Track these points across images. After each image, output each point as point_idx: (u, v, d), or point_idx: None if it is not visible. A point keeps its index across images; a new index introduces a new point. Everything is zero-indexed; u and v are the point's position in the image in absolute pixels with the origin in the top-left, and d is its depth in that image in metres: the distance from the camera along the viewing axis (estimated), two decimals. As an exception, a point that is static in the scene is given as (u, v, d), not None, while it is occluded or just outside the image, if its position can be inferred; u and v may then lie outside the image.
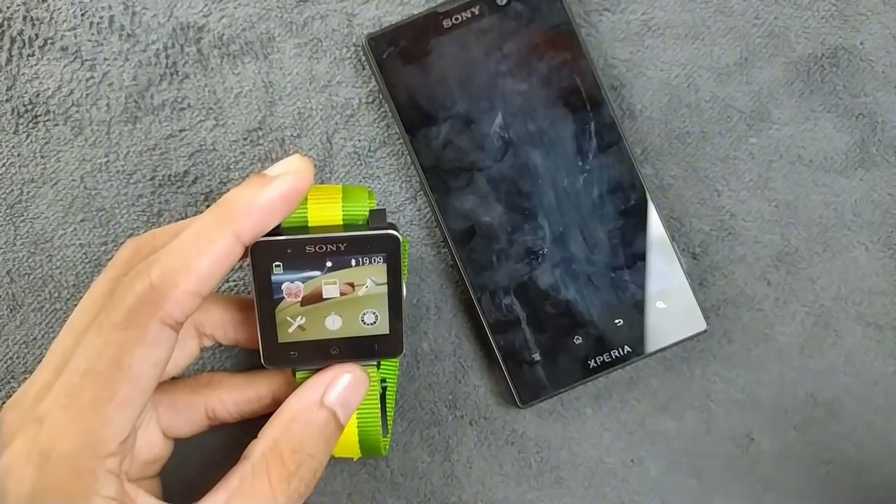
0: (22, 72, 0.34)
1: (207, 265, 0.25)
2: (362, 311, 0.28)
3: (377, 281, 0.28)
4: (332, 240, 0.27)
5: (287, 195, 0.26)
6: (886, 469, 0.36)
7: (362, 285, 0.27)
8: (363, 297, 0.28)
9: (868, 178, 0.36)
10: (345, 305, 0.28)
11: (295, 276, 0.27)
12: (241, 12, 0.34)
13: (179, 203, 0.34)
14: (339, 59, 0.34)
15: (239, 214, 0.26)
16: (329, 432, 0.28)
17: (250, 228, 0.26)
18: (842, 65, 0.36)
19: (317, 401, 0.28)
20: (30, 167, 0.34)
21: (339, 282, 0.27)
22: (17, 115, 0.34)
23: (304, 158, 0.27)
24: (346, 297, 0.27)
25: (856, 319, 0.36)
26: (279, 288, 0.27)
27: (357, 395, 0.28)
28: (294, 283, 0.27)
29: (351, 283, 0.27)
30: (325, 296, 0.27)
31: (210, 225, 0.26)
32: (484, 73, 0.34)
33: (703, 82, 0.35)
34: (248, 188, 0.26)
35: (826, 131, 0.36)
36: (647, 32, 0.35)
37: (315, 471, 0.27)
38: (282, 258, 0.27)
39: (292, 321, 0.27)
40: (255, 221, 0.26)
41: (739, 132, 0.35)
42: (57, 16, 0.34)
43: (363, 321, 0.28)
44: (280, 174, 0.26)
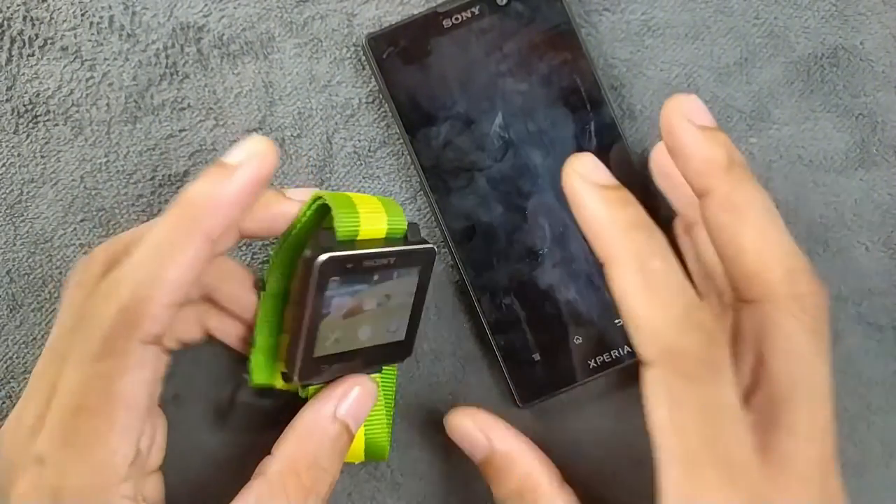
0: (22, 72, 0.34)
1: (179, 274, 0.24)
2: (390, 320, 0.28)
3: (409, 292, 0.28)
4: (386, 255, 0.27)
5: (253, 184, 0.24)
6: (887, 469, 0.36)
7: (396, 296, 0.28)
8: (394, 307, 0.28)
9: (868, 177, 0.36)
10: (378, 316, 0.28)
11: (346, 290, 0.26)
12: (241, 12, 0.34)
13: (179, 203, 0.34)
14: (339, 59, 0.34)
15: (205, 214, 0.24)
16: (342, 445, 0.27)
17: (219, 227, 0.24)
18: (842, 65, 0.36)
19: (330, 415, 0.27)
20: (30, 167, 0.34)
21: (380, 294, 0.27)
22: (17, 114, 0.34)
23: (264, 140, 0.25)
24: (381, 307, 0.28)
25: (856, 319, 0.36)
26: (329, 303, 0.26)
27: (366, 407, 0.28)
28: (343, 298, 0.26)
29: (388, 295, 0.27)
30: (366, 308, 0.27)
31: (176, 230, 0.24)
32: (484, 73, 0.34)
33: (703, 82, 0.35)
34: (209, 181, 0.24)
35: (826, 131, 0.36)
36: (647, 32, 0.35)
37: (330, 484, 0.27)
38: (341, 273, 0.26)
39: (331, 335, 0.27)
40: (223, 218, 0.24)
41: (739, 132, 0.35)
42: (57, 16, 0.34)
43: (388, 330, 0.28)
44: (242, 162, 0.24)
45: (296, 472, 0.26)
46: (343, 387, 0.28)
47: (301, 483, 0.26)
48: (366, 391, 0.28)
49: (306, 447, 0.27)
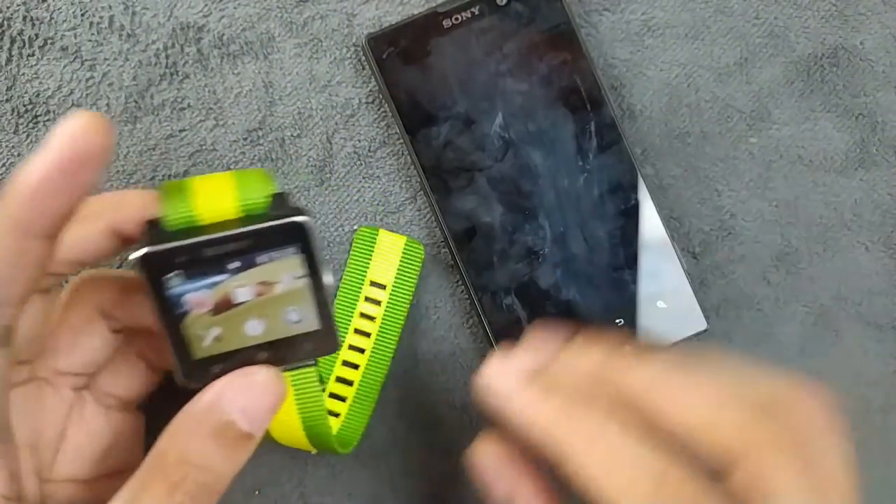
0: (22, 72, 0.33)
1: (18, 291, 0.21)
2: (284, 310, 0.24)
3: (295, 275, 0.24)
4: (232, 237, 0.23)
5: (61, 167, 0.20)
6: (888, 469, 0.36)
7: (278, 283, 0.24)
8: (282, 294, 0.24)
9: (868, 177, 0.36)
10: (264, 307, 0.24)
11: (197, 284, 0.23)
12: (241, 12, 0.34)
13: (179, 203, 0.34)
14: (339, 59, 0.34)
15: (15, 203, 0.21)
16: (227, 442, 0.23)
17: (34, 218, 0.21)
18: (842, 65, 0.36)
19: (204, 408, 0.23)
20: (30, 167, 0.34)
21: (252, 282, 0.23)
22: (17, 114, 0.34)
23: (87, 114, 0.21)
24: (264, 297, 0.24)
25: (856, 319, 0.36)
26: (181, 301, 0.23)
27: (262, 400, 0.24)
28: (198, 293, 0.23)
29: (266, 282, 0.24)
30: (238, 300, 0.24)
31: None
32: (484, 73, 0.34)
33: (703, 82, 0.35)
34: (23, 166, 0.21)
35: (826, 131, 0.36)
36: (646, 32, 0.35)
37: (205, 483, 0.23)
38: (177, 267, 0.23)
39: (205, 334, 0.24)
40: (35, 208, 0.21)
41: (739, 132, 0.35)
42: (57, 16, 0.34)
43: (288, 320, 0.24)
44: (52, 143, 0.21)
45: (162, 466, 0.23)
46: (228, 378, 0.24)
47: (167, 477, 0.23)
48: (260, 383, 0.24)
49: (176, 439, 0.23)
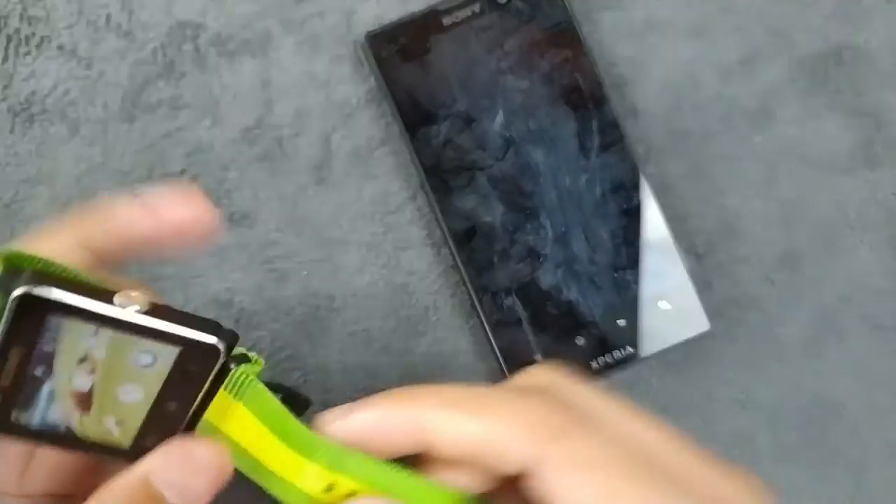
0: (18, 70, 0.33)
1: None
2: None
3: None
4: None
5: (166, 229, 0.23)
6: (890, 469, 0.36)
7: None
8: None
9: (872, 177, 0.36)
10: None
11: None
12: (239, 10, 0.34)
13: (177, 203, 0.34)
14: (338, 57, 0.34)
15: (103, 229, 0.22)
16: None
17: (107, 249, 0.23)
18: (846, 63, 0.36)
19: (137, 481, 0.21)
20: (26, 166, 0.33)
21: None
22: (14, 113, 0.33)
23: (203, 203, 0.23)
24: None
25: (860, 320, 0.36)
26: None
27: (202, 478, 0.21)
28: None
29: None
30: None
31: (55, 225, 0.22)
32: (484, 71, 0.33)
33: (706, 80, 0.35)
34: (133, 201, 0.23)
35: (830, 130, 0.36)
36: (649, 30, 0.35)
37: None
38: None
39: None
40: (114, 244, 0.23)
41: (743, 131, 0.35)
42: (53, 14, 0.33)
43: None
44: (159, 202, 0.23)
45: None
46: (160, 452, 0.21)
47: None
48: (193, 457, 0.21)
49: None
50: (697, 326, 0.33)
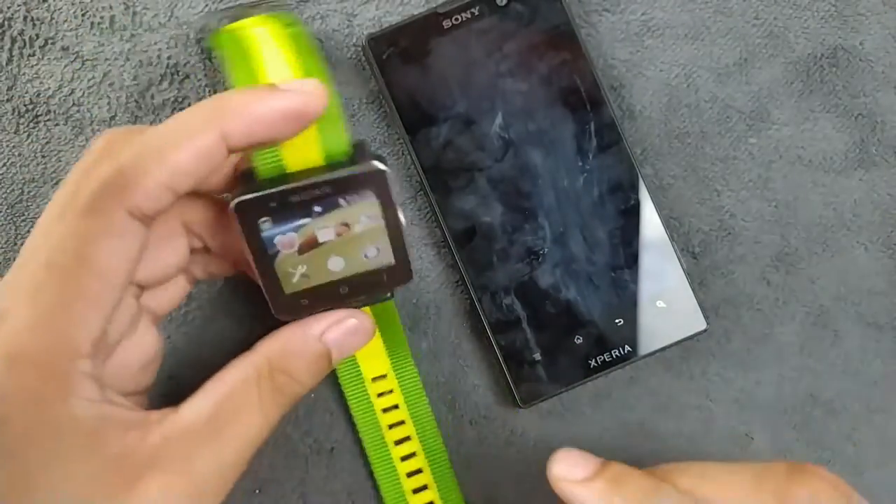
0: (23, 72, 0.34)
1: (185, 158, 0.23)
2: (362, 247, 0.27)
3: (371, 216, 0.26)
4: (315, 185, 0.25)
5: (290, 113, 0.24)
6: (887, 470, 0.36)
7: (357, 223, 0.26)
8: (360, 234, 0.27)
9: (868, 178, 0.36)
10: (344, 245, 0.27)
11: (285, 227, 0.26)
12: (242, 12, 0.34)
13: (180, 203, 0.34)
14: (339, 60, 0.34)
15: (231, 114, 0.23)
16: (319, 367, 0.27)
17: (240, 133, 0.23)
18: (841, 65, 0.36)
19: (316, 335, 0.27)
20: (30, 167, 0.34)
21: (333, 224, 0.26)
22: (18, 114, 0.34)
23: (321, 84, 0.24)
24: (343, 237, 0.27)
25: (855, 319, 0.36)
26: (272, 242, 0.26)
27: (356, 340, 0.28)
28: (286, 235, 0.26)
29: (346, 223, 0.26)
30: (322, 240, 0.26)
31: (196, 117, 0.23)
32: (484, 73, 0.34)
33: (702, 82, 0.35)
34: (249, 93, 0.24)
35: (825, 131, 0.36)
36: (646, 33, 0.35)
37: (296, 396, 0.27)
38: (267, 213, 0.25)
39: (294, 271, 0.27)
40: (247, 127, 0.23)
41: (739, 132, 0.36)
42: (58, 16, 0.34)
43: (366, 256, 0.27)
44: (291, 89, 0.24)
45: (271, 371, 0.26)
46: (337, 315, 0.28)
47: (273, 384, 0.26)
48: (359, 326, 0.28)
49: (286, 355, 0.27)
50: (694, 326, 0.34)
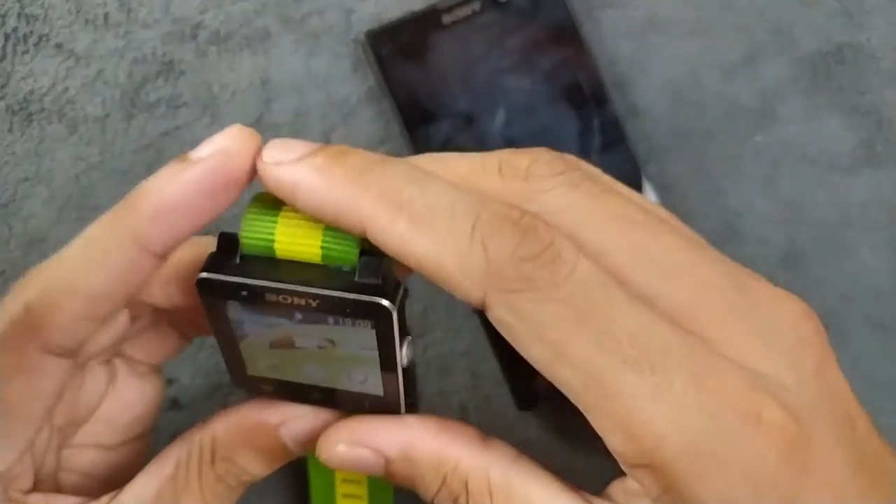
0: (16, 69, 0.33)
1: (99, 284, 0.20)
2: (347, 369, 0.22)
3: (364, 345, 0.21)
4: (299, 293, 0.20)
5: (208, 188, 0.19)
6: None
7: (344, 344, 0.21)
8: (347, 357, 0.22)
9: (875, 176, 0.36)
10: (324, 358, 0.22)
11: (257, 319, 0.21)
12: (238, 8, 0.34)
13: (175, 202, 0.34)
14: (338, 56, 0.34)
15: (141, 215, 0.19)
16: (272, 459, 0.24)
17: (157, 235, 0.20)
18: (847, 62, 0.36)
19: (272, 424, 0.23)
20: (24, 165, 0.33)
21: (316, 336, 0.21)
22: (12, 112, 0.33)
23: (244, 131, 0.20)
24: (326, 350, 0.22)
25: (862, 320, 0.36)
26: (241, 325, 0.21)
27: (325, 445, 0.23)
28: (258, 327, 0.21)
29: (331, 341, 0.21)
30: (298, 345, 0.22)
31: (106, 229, 0.20)
32: (485, 69, 0.33)
33: (707, 79, 0.35)
34: (160, 177, 0.20)
35: (832, 129, 0.36)
36: (650, 29, 0.35)
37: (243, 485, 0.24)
38: (236, 298, 0.20)
39: (261, 359, 0.22)
40: (163, 225, 0.19)
41: (745, 130, 0.35)
42: (51, 13, 0.33)
43: (349, 378, 0.22)
44: (204, 156, 0.19)
45: (214, 456, 0.24)
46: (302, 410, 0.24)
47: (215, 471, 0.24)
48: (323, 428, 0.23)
49: (234, 441, 0.24)
50: (699, 327, 0.33)
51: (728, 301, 0.20)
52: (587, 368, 0.18)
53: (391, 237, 0.19)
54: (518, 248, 0.18)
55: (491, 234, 0.18)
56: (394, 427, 0.22)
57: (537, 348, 0.19)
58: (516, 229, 0.18)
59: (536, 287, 0.18)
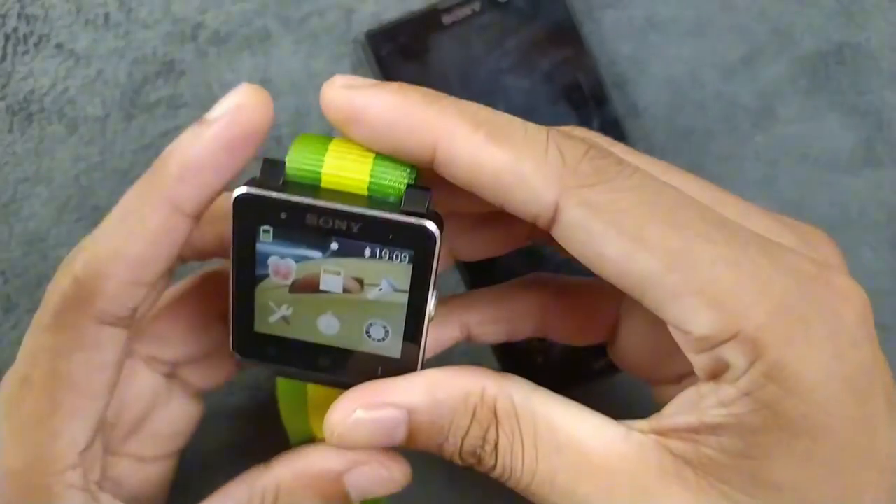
0: (17, 69, 0.33)
1: (141, 249, 0.20)
2: (368, 320, 0.21)
3: (396, 285, 0.20)
4: (343, 214, 0.20)
5: (227, 143, 0.20)
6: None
7: (374, 286, 0.20)
8: (373, 301, 0.21)
9: (874, 176, 0.36)
10: (346, 307, 0.21)
11: (287, 250, 0.20)
12: (238, 8, 0.34)
13: (175, 202, 0.34)
14: (338, 56, 0.34)
15: (171, 178, 0.20)
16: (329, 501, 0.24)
17: (190, 196, 0.20)
18: (847, 62, 0.36)
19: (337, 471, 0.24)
20: (24, 165, 0.33)
21: (344, 273, 0.20)
22: (12, 113, 0.33)
23: (253, 88, 0.21)
24: (351, 296, 0.21)
25: (862, 320, 0.35)
26: (265, 261, 0.21)
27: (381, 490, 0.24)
28: (284, 260, 0.21)
29: (359, 280, 0.20)
30: (323, 287, 0.21)
31: (140, 197, 0.21)
32: (485, 70, 0.33)
33: (707, 79, 0.35)
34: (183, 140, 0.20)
35: (832, 129, 0.35)
36: (650, 28, 0.35)
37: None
38: (273, 222, 0.20)
39: (275, 308, 0.21)
40: (194, 186, 0.20)
41: (744, 130, 0.35)
42: (52, 13, 0.33)
43: (368, 334, 0.21)
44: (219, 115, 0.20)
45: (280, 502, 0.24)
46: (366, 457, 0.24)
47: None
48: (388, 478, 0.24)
49: (298, 487, 0.24)
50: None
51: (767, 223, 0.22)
52: (666, 246, 0.19)
53: (469, 148, 0.20)
54: (589, 151, 0.20)
55: (563, 142, 0.20)
56: (413, 378, 0.22)
57: (614, 242, 0.19)
58: (584, 142, 0.20)
59: (610, 178, 0.19)
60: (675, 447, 0.20)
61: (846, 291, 0.20)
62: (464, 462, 0.22)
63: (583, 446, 0.21)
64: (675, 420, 0.20)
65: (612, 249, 0.19)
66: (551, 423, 0.21)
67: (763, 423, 0.19)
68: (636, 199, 0.19)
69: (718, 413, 0.19)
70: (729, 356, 0.19)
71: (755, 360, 0.19)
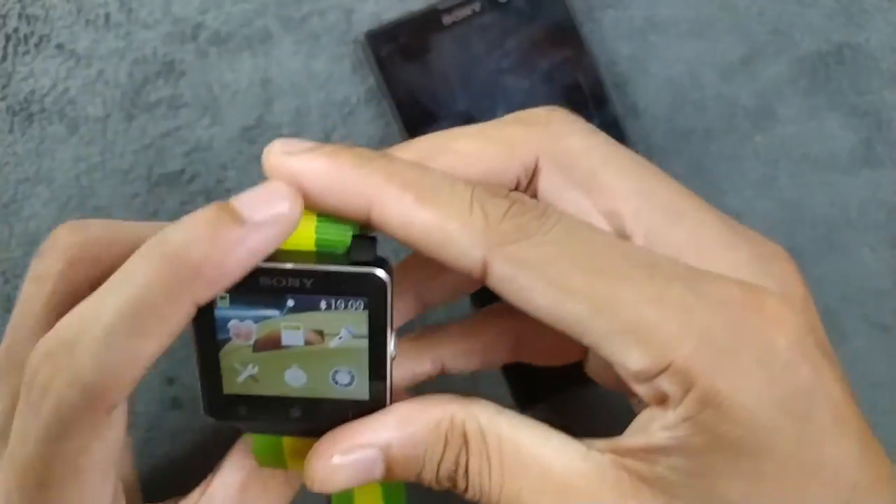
0: (17, 70, 0.33)
1: (157, 349, 0.20)
2: (333, 367, 0.22)
3: (354, 332, 0.21)
4: (294, 272, 0.20)
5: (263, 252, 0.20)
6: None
7: (335, 335, 0.21)
8: (335, 350, 0.21)
9: (874, 176, 0.36)
10: (310, 358, 0.22)
11: (245, 312, 0.21)
12: (238, 8, 0.34)
13: (175, 201, 0.34)
14: (338, 56, 0.34)
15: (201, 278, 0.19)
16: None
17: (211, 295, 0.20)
18: (847, 62, 0.36)
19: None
20: (25, 166, 0.33)
21: (304, 327, 0.21)
22: (13, 113, 0.33)
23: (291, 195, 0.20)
24: (313, 347, 0.22)
25: (861, 320, 0.35)
26: (225, 325, 0.21)
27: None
28: (244, 322, 0.21)
29: (319, 332, 0.21)
30: (285, 343, 0.21)
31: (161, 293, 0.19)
32: (485, 70, 0.33)
33: (707, 80, 0.35)
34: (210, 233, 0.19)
35: (831, 129, 0.36)
36: (650, 29, 0.35)
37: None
38: (229, 289, 0.20)
39: (241, 368, 0.22)
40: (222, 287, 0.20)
41: (744, 130, 0.35)
42: (52, 13, 0.33)
43: (335, 381, 0.22)
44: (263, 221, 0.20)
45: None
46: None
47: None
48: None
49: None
50: (698, 326, 0.33)
51: (723, 237, 0.22)
52: (590, 293, 0.20)
53: (399, 210, 0.20)
54: (511, 208, 0.21)
55: (487, 200, 0.21)
56: (383, 416, 0.23)
57: (541, 292, 0.20)
58: (507, 198, 0.21)
59: (531, 234, 0.20)
60: (631, 466, 0.21)
61: (777, 315, 0.20)
62: (440, 486, 0.23)
63: (545, 465, 0.21)
64: (629, 441, 0.21)
65: (543, 300, 0.20)
66: (516, 442, 0.22)
67: (706, 445, 0.20)
68: (558, 251, 0.20)
69: (664, 436, 0.20)
70: (665, 387, 0.20)
71: (689, 388, 0.20)
